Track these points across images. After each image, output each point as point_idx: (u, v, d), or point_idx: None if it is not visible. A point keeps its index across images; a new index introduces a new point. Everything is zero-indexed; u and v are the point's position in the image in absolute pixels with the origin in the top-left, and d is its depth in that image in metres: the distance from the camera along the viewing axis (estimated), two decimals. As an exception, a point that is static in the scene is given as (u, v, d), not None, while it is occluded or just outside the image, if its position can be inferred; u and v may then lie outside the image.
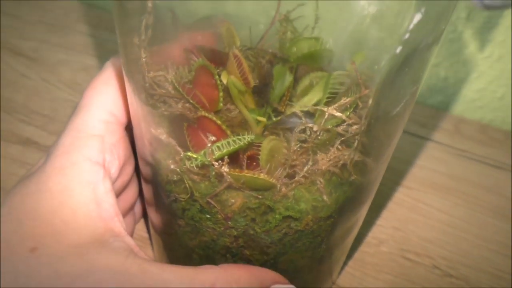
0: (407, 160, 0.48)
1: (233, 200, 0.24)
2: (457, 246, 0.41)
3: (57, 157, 0.26)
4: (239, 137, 0.24)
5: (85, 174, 0.26)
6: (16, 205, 0.25)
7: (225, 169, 0.23)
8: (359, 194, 0.28)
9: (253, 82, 0.25)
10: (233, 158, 0.24)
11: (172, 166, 0.25)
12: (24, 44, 0.56)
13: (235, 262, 0.27)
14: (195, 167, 0.24)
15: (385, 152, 0.27)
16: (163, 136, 0.25)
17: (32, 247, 0.24)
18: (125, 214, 0.33)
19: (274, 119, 0.25)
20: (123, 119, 0.29)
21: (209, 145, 0.23)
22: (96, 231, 0.25)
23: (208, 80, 0.25)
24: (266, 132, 0.26)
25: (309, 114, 0.25)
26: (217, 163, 0.23)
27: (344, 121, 0.24)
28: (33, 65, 0.53)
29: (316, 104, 0.25)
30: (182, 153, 0.24)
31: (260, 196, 0.24)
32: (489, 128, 0.52)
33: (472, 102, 0.53)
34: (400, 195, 0.44)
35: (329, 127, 0.24)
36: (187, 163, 0.24)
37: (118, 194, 0.30)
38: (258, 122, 0.26)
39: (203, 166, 0.24)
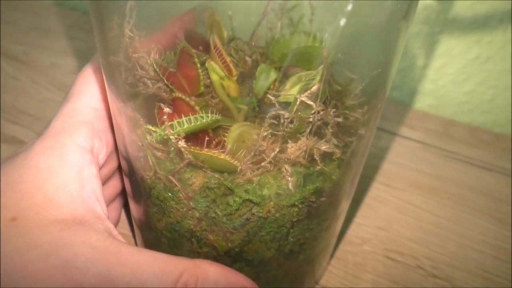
0: (393, 160, 0.47)
1: (195, 180, 0.24)
2: (442, 246, 0.40)
3: (46, 138, 0.27)
4: (202, 115, 0.23)
5: (72, 157, 0.26)
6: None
7: (182, 144, 0.23)
8: (330, 188, 0.27)
9: (235, 71, 0.25)
10: (201, 140, 0.24)
11: (135, 140, 0.25)
12: (16, 48, 0.56)
13: (200, 248, 0.27)
14: (155, 141, 0.24)
15: (357, 144, 0.27)
16: (129, 110, 0.25)
17: (12, 217, 0.24)
18: (108, 202, 0.33)
19: (256, 108, 0.25)
20: None
21: (165, 117, 0.22)
22: (77, 211, 0.25)
23: (189, 63, 0.25)
24: (246, 121, 0.25)
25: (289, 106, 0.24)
26: (174, 137, 0.23)
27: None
28: (23, 67, 0.54)
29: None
30: (143, 126, 0.24)
31: (222, 178, 0.24)
32: (479, 130, 0.52)
33: (462, 105, 0.52)
34: (386, 195, 0.44)
35: (299, 113, 0.24)
36: (148, 138, 0.24)
37: (105, 181, 0.31)
38: (240, 109, 0.25)
39: (166, 143, 0.24)
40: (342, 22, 0.19)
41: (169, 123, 0.23)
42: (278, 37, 0.27)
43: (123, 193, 0.36)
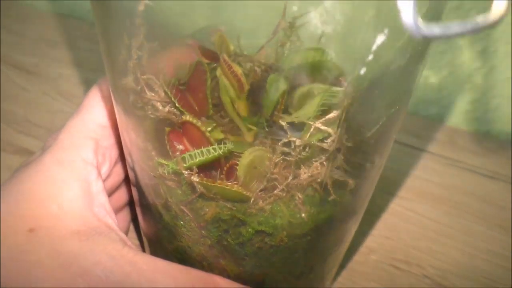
0: (399, 170, 0.48)
1: (207, 209, 0.24)
2: (448, 256, 0.40)
3: (56, 151, 0.27)
4: (215, 147, 0.23)
5: (81, 172, 0.27)
6: (13, 188, 0.26)
7: (195, 179, 0.23)
8: (342, 214, 0.27)
9: (247, 85, 0.25)
10: (213, 167, 0.24)
11: (147, 170, 0.25)
12: (26, 59, 0.57)
13: (211, 270, 0.27)
14: (167, 174, 0.24)
15: (368, 175, 0.27)
16: (139, 140, 0.25)
17: (30, 228, 0.25)
18: (117, 212, 0.34)
19: (266, 129, 0.25)
20: None
21: (177, 153, 0.23)
22: (92, 223, 0.26)
23: (200, 82, 0.25)
24: (257, 141, 0.25)
25: (300, 127, 0.24)
26: (187, 172, 0.23)
27: (330, 136, 0.23)
28: (33, 79, 0.54)
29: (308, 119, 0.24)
30: (155, 159, 0.24)
31: (234, 208, 0.24)
32: (484, 139, 0.52)
33: (466, 114, 0.53)
34: (392, 205, 0.44)
35: (313, 141, 0.23)
36: (160, 170, 0.24)
37: (110, 193, 0.32)
38: (250, 129, 0.25)
39: (177, 174, 0.24)
40: (363, 71, 0.19)
41: (181, 156, 0.23)
42: (288, 53, 0.27)
43: (131, 205, 0.36)
